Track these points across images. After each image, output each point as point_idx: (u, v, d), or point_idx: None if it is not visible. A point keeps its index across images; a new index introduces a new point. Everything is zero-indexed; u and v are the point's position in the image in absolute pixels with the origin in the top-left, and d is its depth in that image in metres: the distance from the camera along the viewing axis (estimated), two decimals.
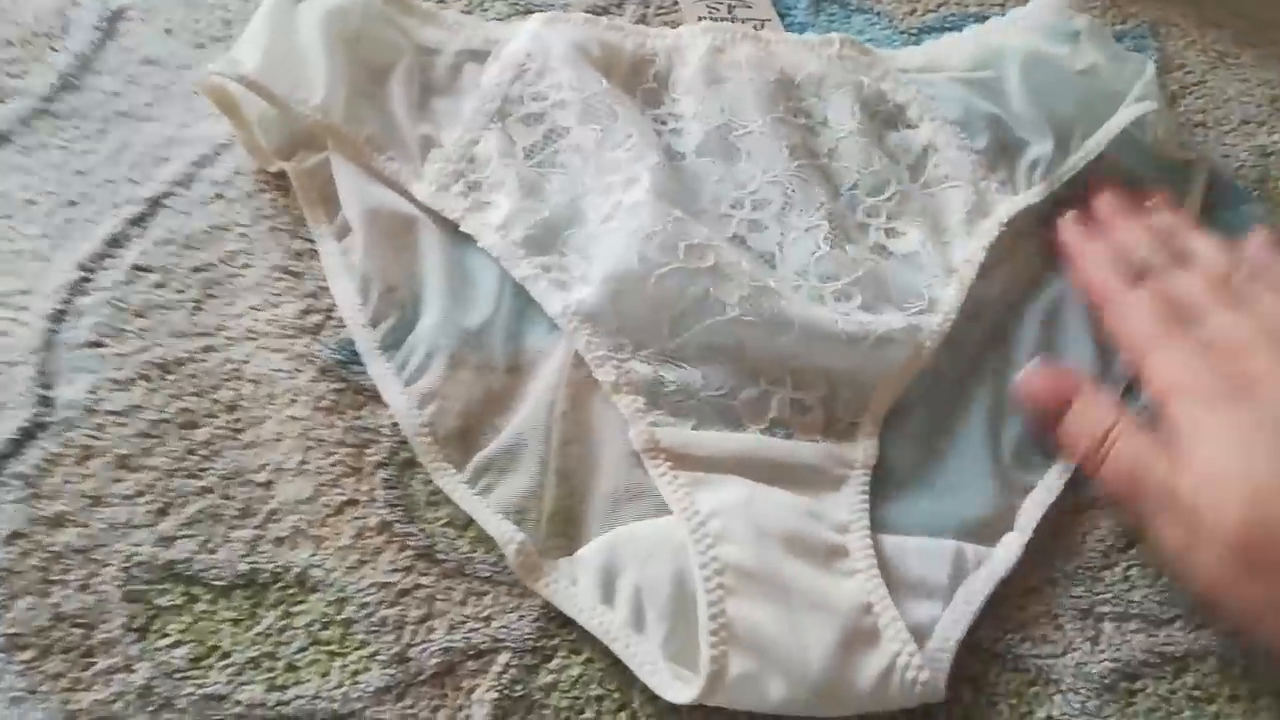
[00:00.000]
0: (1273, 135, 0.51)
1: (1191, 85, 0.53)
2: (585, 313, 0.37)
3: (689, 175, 0.41)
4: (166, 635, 0.32)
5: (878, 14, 0.53)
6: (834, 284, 0.39)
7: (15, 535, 0.33)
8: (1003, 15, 0.54)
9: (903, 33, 0.53)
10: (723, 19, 0.49)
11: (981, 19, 0.53)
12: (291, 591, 0.33)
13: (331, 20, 0.41)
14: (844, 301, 0.39)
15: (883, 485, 0.37)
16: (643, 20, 0.49)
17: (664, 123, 0.43)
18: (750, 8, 0.50)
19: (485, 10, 0.49)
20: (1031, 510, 0.37)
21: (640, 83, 0.44)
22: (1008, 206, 0.43)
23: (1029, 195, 0.43)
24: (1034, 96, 0.44)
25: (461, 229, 0.40)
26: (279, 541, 0.34)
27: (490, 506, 0.34)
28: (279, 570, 0.34)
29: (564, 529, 0.35)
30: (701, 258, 0.37)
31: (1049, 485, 0.38)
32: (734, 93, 0.43)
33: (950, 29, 0.53)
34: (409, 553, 0.35)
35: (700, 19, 0.48)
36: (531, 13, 0.46)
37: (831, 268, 0.39)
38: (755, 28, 0.48)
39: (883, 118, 0.45)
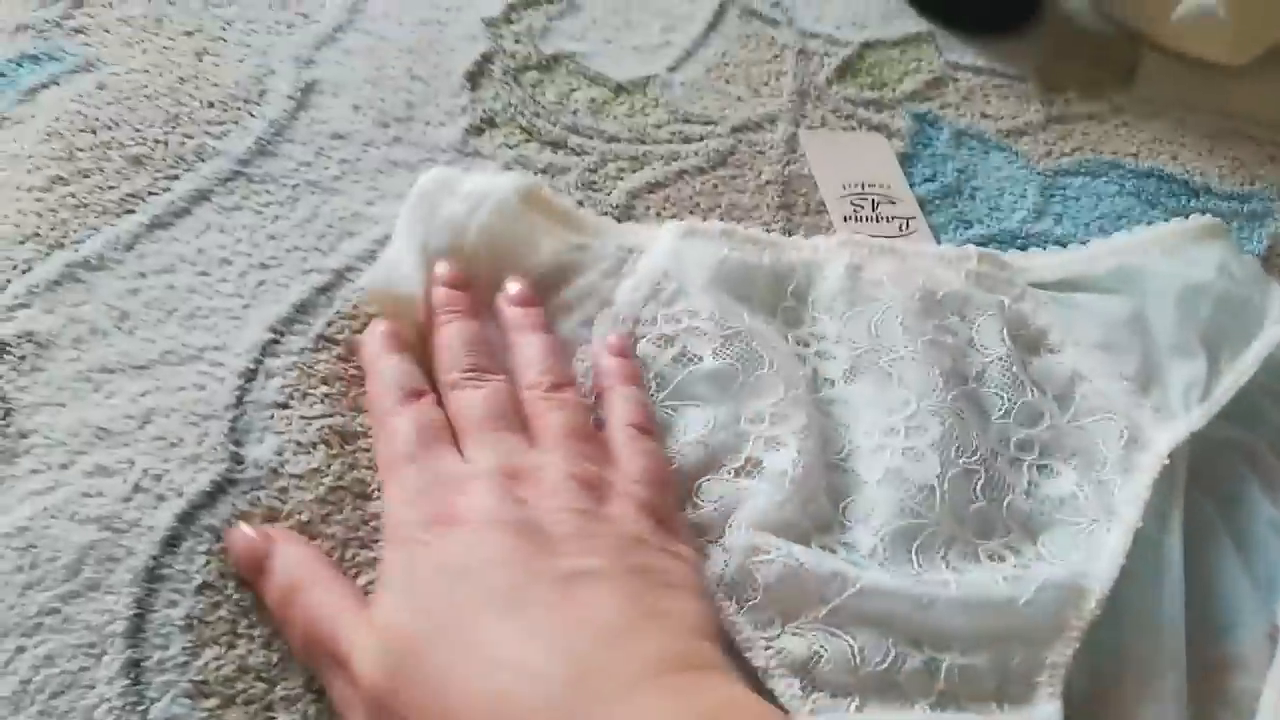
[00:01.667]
0: None
1: None
2: (726, 584, 0.35)
3: (839, 405, 0.40)
4: None
5: (1015, 153, 0.56)
6: (986, 544, 0.37)
7: (205, 586, 0.35)
8: (1135, 164, 0.56)
9: (1039, 173, 0.55)
10: (867, 217, 0.50)
11: (1116, 166, 0.56)
12: None
13: (470, 222, 0.41)
14: (998, 562, 0.37)
15: None
16: (787, 218, 0.49)
17: (807, 344, 0.42)
18: (894, 204, 0.51)
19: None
20: None
21: (780, 300, 0.43)
22: (1169, 437, 0.40)
23: (1190, 421, 0.41)
24: (1179, 317, 0.44)
25: None
26: None
27: None
28: None
29: None
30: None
31: None
32: (879, 315, 0.42)
33: (1085, 174, 0.55)
34: None
35: (845, 218, 0.50)
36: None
37: (985, 523, 0.38)
38: (901, 226, 0.49)
39: (1025, 343, 0.43)
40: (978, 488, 0.38)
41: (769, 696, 0.34)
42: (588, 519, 0.33)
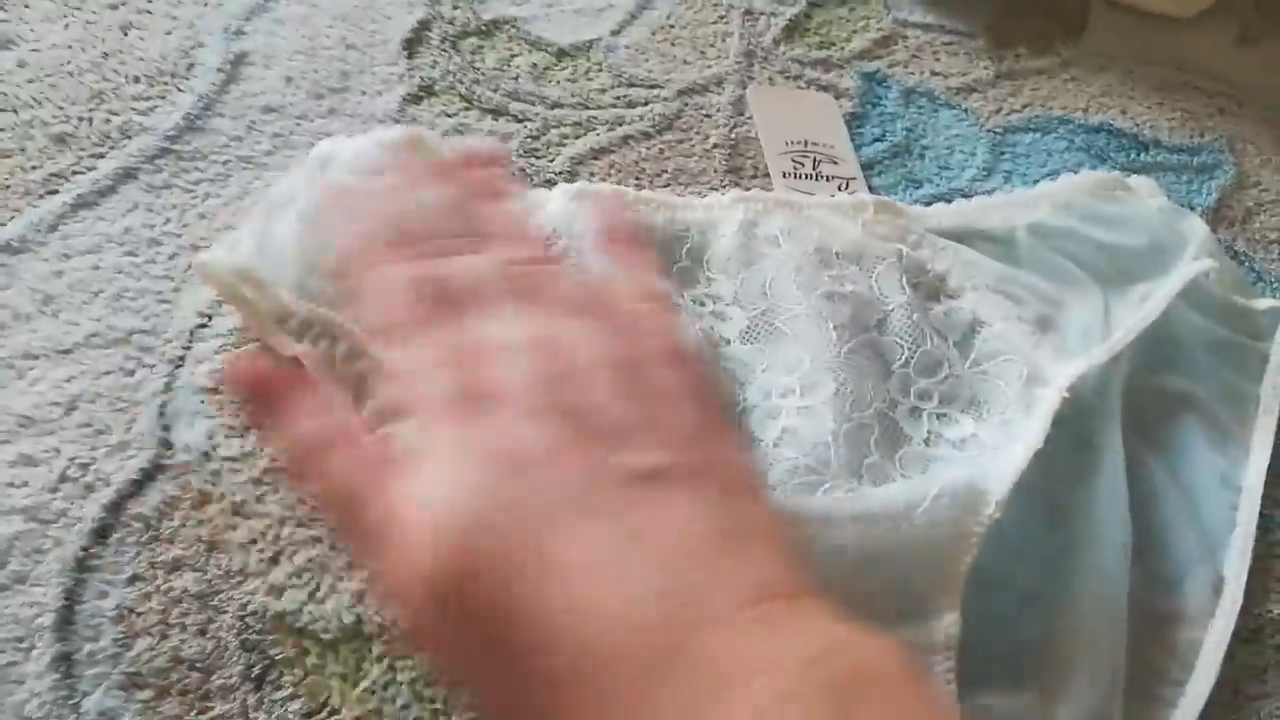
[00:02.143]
0: None
1: (1267, 203, 0.54)
2: None
3: (735, 364, 0.40)
4: (281, 687, 0.33)
5: (965, 110, 0.55)
6: (887, 472, 0.37)
7: (136, 577, 0.34)
8: (1084, 118, 0.56)
9: (988, 130, 0.54)
10: (807, 175, 0.49)
11: (1065, 121, 0.55)
12: (397, 645, 0.34)
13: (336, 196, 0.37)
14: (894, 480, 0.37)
15: (973, 674, 0.33)
16: (735, 181, 0.48)
17: (703, 304, 0.41)
18: (836, 164, 0.50)
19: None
20: None
21: (674, 260, 0.42)
22: (1069, 371, 0.40)
23: (1091, 357, 0.41)
24: (1079, 259, 0.44)
25: None
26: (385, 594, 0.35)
27: None
28: (384, 623, 0.35)
29: None
30: None
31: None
32: (773, 273, 0.41)
33: (1034, 130, 0.55)
34: None
35: (784, 174, 0.49)
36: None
37: (880, 476, 0.37)
38: (841, 186, 0.49)
39: (924, 289, 0.43)
40: (871, 442, 0.37)
41: None
42: (638, 405, 0.29)
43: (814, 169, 0.50)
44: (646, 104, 0.51)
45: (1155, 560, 0.39)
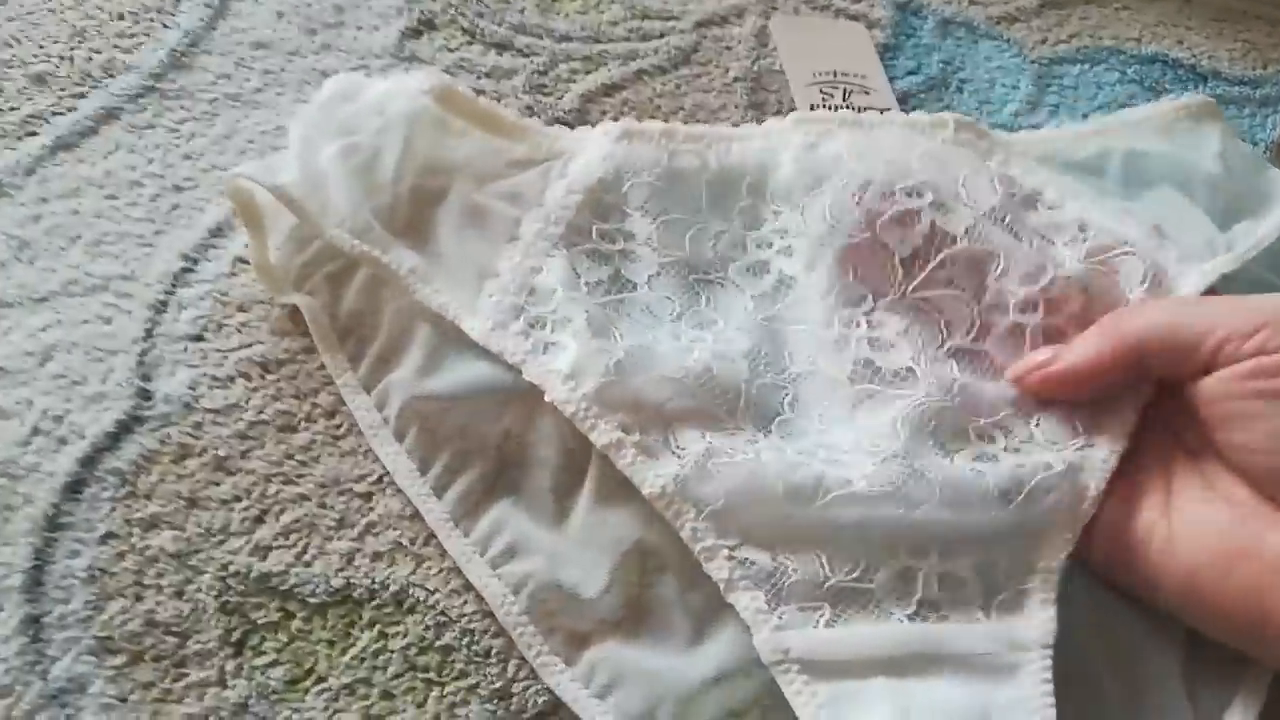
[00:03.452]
0: None
1: None
2: (686, 493, 0.31)
3: (800, 305, 0.36)
4: (263, 653, 0.31)
5: (1007, 41, 0.51)
6: (975, 421, 0.33)
7: (110, 535, 0.32)
8: (1138, 49, 0.52)
9: (1033, 62, 0.50)
10: (837, 106, 0.45)
11: (1117, 52, 0.52)
12: (388, 611, 0.32)
13: (378, 129, 0.37)
14: (987, 443, 0.33)
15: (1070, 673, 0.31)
16: (757, 118, 0.44)
17: (770, 244, 0.38)
18: (868, 94, 0.46)
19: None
20: None
21: (736, 200, 0.38)
22: (1198, 277, 0.36)
23: (1220, 264, 0.36)
24: (1179, 193, 0.39)
25: (525, 377, 0.34)
26: (377, 556, 0.33)
27: (611, 713, 0.31)
28: (375, 587, 0.32)
29: None
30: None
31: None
32: (833, 196, 0.37)
33: (1083, 61, 0.51)
34: None
35: (812, 107, 0.45)
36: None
37: (973, 398, 0.34)
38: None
39: (1020, 201, 0.38)
40: (955, 370, 0.34)
41: (729, 610, 0.31)
42: None
43: (844, 100, 0.46)
44: (662, 36, 0.48)
45: None
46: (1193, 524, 0.31)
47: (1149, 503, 0.32)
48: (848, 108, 0.46)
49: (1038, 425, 0.34)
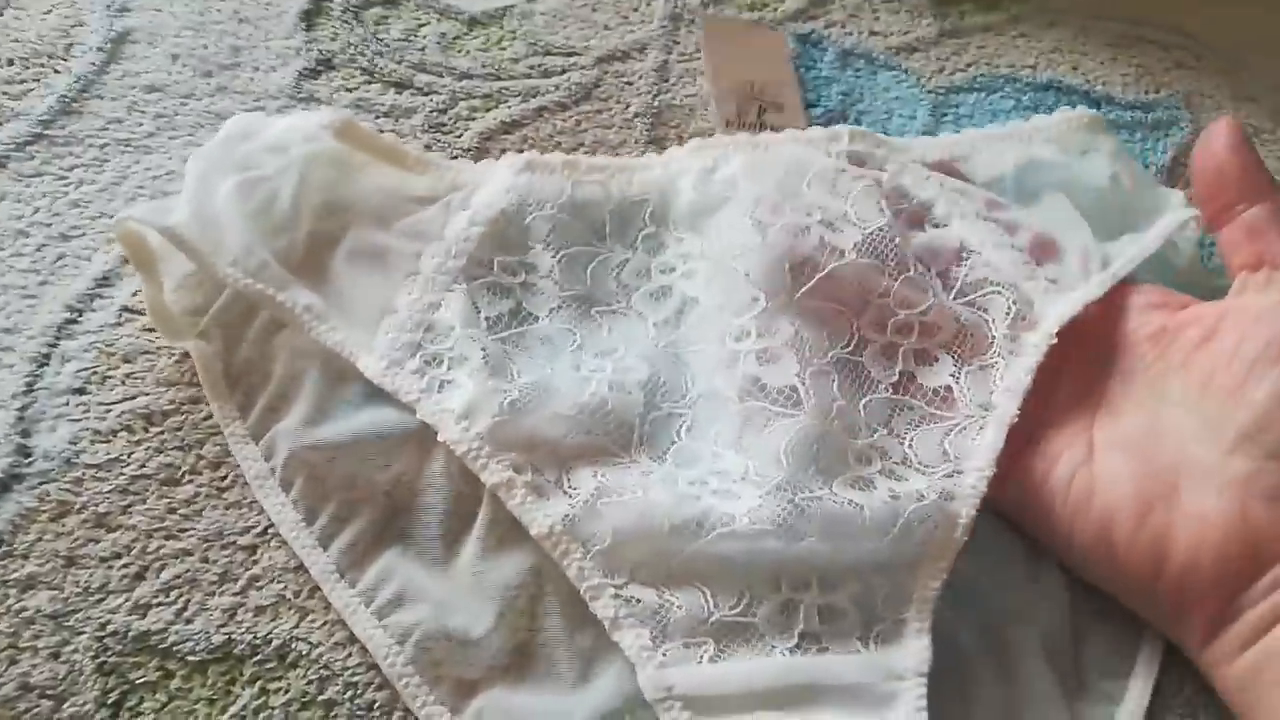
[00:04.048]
0: None
1: None
2: (574, 533, 0.32)
3: (702, 319, 0.37)
4: (141, 714, 0.30)
5: (905, 71, 0.52)
6: (853, 443, 0.34)
7: None
8: (1033, 76, 0.53)
9: (930, 91, 0.51)
10: (751, 123, 0.46)
11: (1012, 80, 0.53)
12: (270, 666, 0.32)
13: (275, 167, 0.37)
14: (864, 465, 0.34)
15: (942, 696, 0.31)
16: (658, 154, 0.42)
17: (673, 269, 0.38)
18: (782, 111, 0.47)
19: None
20: None
21: (639, 229, 0.39)
22: (1060, 310, 0.37)
23: (1087, 291, 0.37)
24: (1069, 200, 0.40)
25: (419, 417, 0.34)
26: (260, 610, 0.33)
27: None
28: (258, 643, 0.32)
29: None
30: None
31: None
32: (728, 214, 0.38)
33: (979, 89, 0.52)
34: None
35: (728, 122, 0.46)
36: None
37: (850, 420, 0.35)
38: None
39: (907, 217, 0.39)
40: (836, 386, 0.35)
41: (617, 649, 0.31)
42: None
43: (758, 118, 0.47)
44: (563, 72, 0.48)
45: None
46: (1111, 475, 0.33)
47: (1069, 455, 0.34)
48: (760, 125, 0.46)
49: (911, 446, 0.35)
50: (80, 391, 0.36)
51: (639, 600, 0.31)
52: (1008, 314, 0.36)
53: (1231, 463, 0.32)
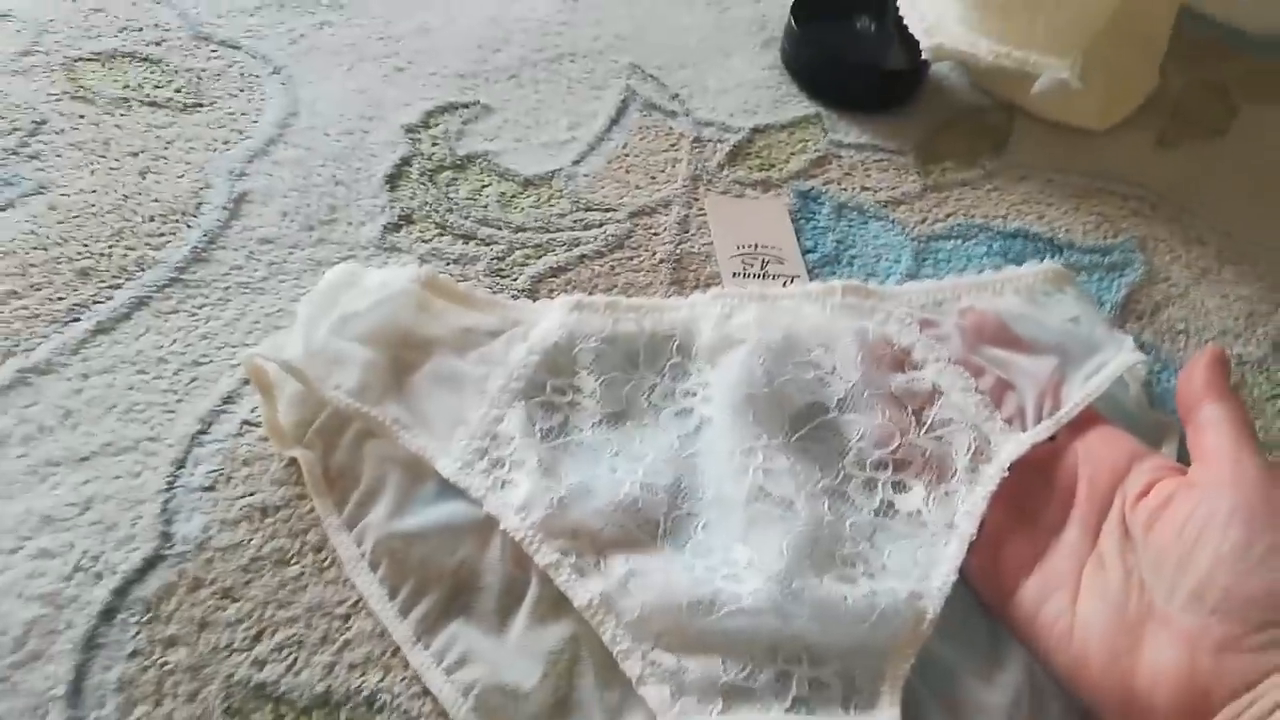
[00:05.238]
0: (1248, 345, 0.57)
1: (1175, 297, 0.59)
2: (610, 606, 0.39)
3: (719, 437, 0.44)
4: None
5: (892, 221, 0.61)
6: (841, 549, 0.42)
7: (136, 652, 0.39)
8: (1003, 225, 0.61)
9: (913, 239, 0.60)
10: (755, 275, 0.55)
11: (985, 228, 0.61)
12: (361, 711, 0.39)
13: (373, 310, 0.46)
14: (849, 567, 0.41)
15: None
16: (678, 292, 0.54)
17: (695, 393, 0.46)
18: (782, 263, 0.56)
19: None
20: None
21: (667, 359, 0.47)
22: (1012, 448, 0.44)
23: (1035, 432, 0.45)
24: (1031, 344, 0.48)
25: (485, 509, 0.42)
26: (353, 667, 0.40)
27: None
28: (351, 692, 0.39)
29: None
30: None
31: None
32: (742, 355, 0.46)
33: (956, 237, 0.60)
34: None
35: (734, 274, 0.55)
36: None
37: (838, 532, 0.42)
38: (784, 283, 0.55)
39: (890, 361, 0.47)
40: (826, 506, 0.43)
41: (637, 705, 0.38)
42: None
43: (761, 269, 0.56)
44: (601, 225, 0.58)
45: None
46: (1088, 621, 0.39)
47: (1059, 596, 0.40)
48: (764, 276, 0.55)
49: (888, 556, 0.42)
50: (210, 489, 0.44)
51: (661, 663, 0.38)
52: (969, 449, 0.44)
53: (1183, 619, 0.36)
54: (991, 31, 0.66)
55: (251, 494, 0.44)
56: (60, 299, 0.50)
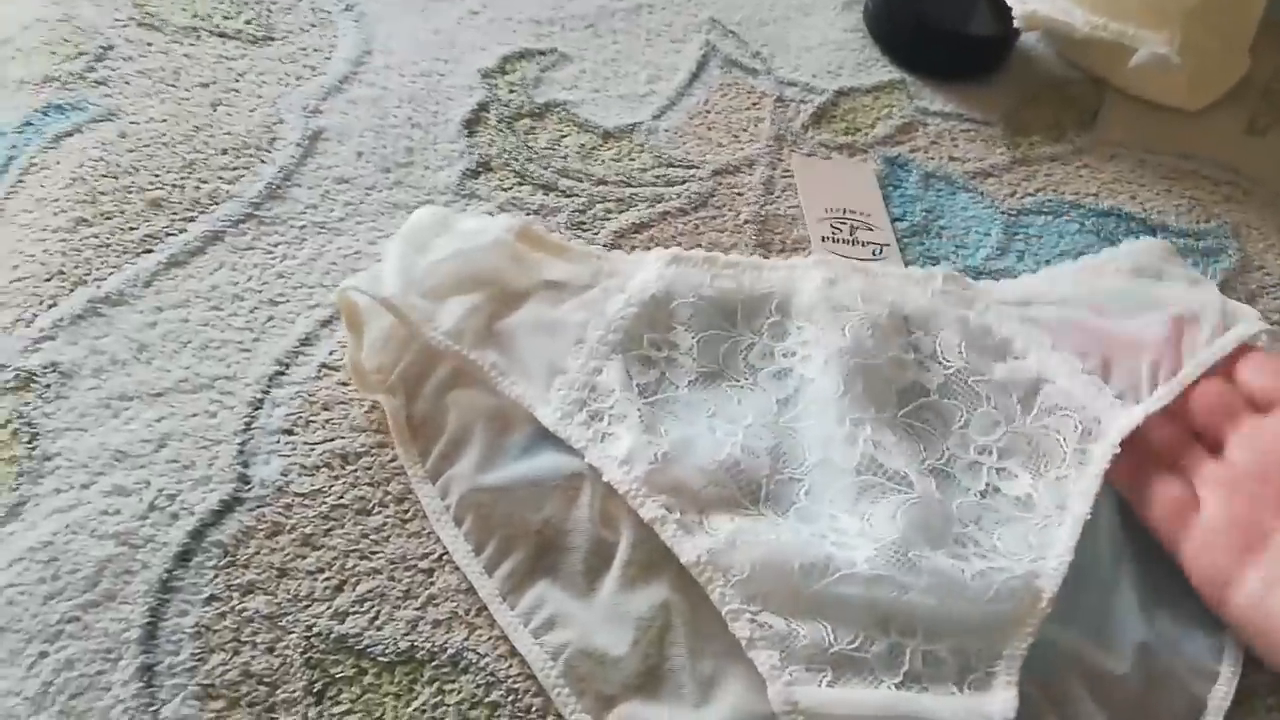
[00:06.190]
0: None
1: (1270, 286, 0.57)
2: (718, 564, 0.38)
3: (819, 397, 0.43)
4: (340, 703, 0.36)
5: (981, 193, 0.59)
6: (952, 529, 0.40)
7: (213, 598, 0.38)
8: (1095, 203, 0.60)
9: (1003, 212, 0.58)
10: (844, 240, 0.54)
11: (1077, 206, 0.59)
12: (445, 671, 0.38)
13: (467, 255, 0.44)
14: (960, 547, 0.40)
15: None
16: (764, 255, 0.52)
17: (794, 353, 0.45)
18: (871, 230, 0.55)
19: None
20: None
21: (765, 318, 0.46)
22: (1124, 422, 0.43)
23: (1148, 404, 0.44)
24: (1139, 320, 0.46)
25: (587, 461, 0.40)
26: (437, 624, 0.39)
27: None
28: (435, 650, 0.38)
29: None
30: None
31: None
32: (853, 322, 0.45)
33: (1047, 213, 0.58)
34: None
35: (823, 239, 0.53)
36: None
37: (947, 512, 0.41)
38: (875, 251, 0.53)
39: (991, 351, 0.46)
40: (935, 486, 0.41)
41: (730, 677, 0.37)
42: None
43: (850, 234, 0.54)
44: (684, 182, 0.56)
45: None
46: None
47: (1253, 570, 0.39)
48: (853, 242, 0.54)
49: (999, 539, 0.41)
50: (289, 432, 0.43)
51: (771, 626, 0.37)
52: (1076, 430, 0.43)
53: None
54: (1085, 1, 0.64)
55: (331, 440, 0.43)
56: (132, 229, 0.48)
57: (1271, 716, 0.40)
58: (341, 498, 0.41)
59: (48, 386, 0.42)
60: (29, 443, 0.40)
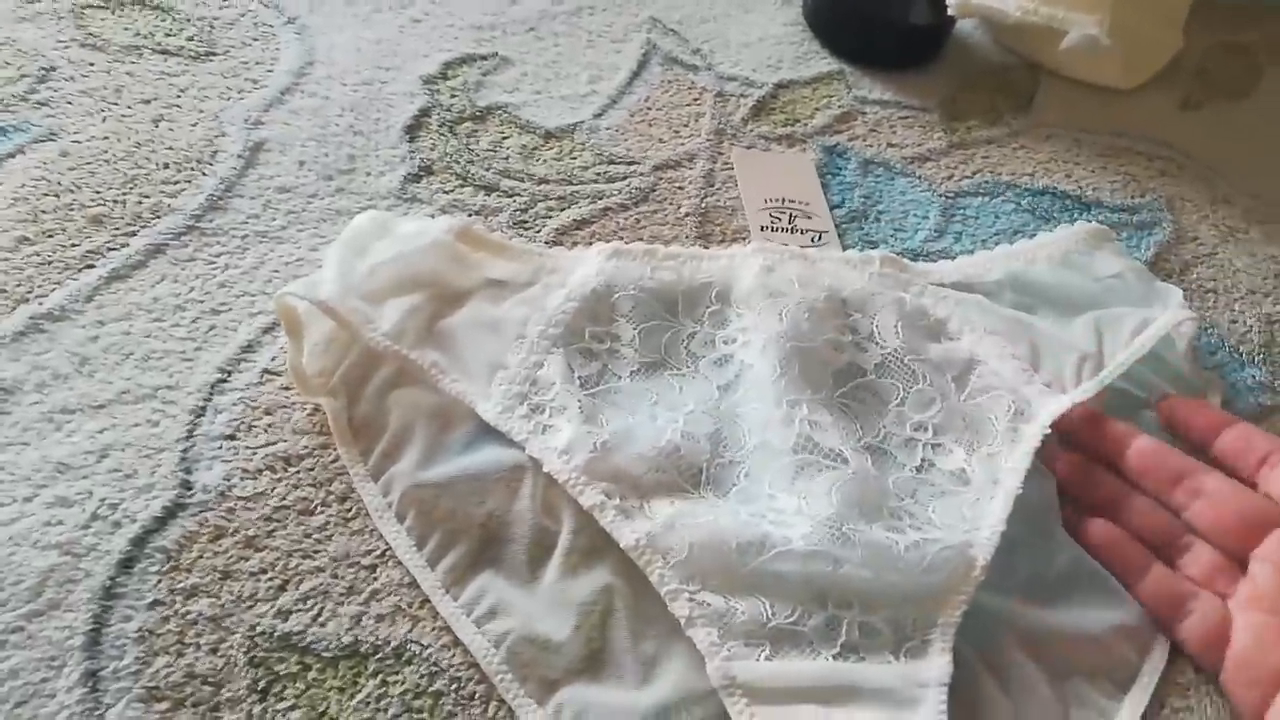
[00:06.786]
0: (1277, 305, 0.56)
1: (1203, 256, 0.58)
2: (656, 546, 0.39)
3: (758, 380, 0.44)
4: (284, 699, 0.37)
5: (918, 178, 0.60)
6: (887, 502, 0.41)
7: (156, 602, 0.38)
8: (1030, 183, 0.61)
9: (940, 195, 0.59)
10: (783, 228, 0.55)
11: (1012, 186, 0.60)
12: (389, 663, 0.38)
13: (406, 258, 0.45)
14: (896, 519, 0.40)
15: (963, 704, 0.37)
16: (704, 246, 0.52)
17: (734, 340, 0.46)
18: (810, 219, 0.55)
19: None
20: None
21: (706, 307, 0.47)
22: (1053, 408, 0.44)
23: (1076, 394, 0.45)
24: (1068, 312, 0.48)
25: (528, 453, 0.41)
26: (380, 618, 0.39)
27: None
28: (379, 643, 0.38)
29: None
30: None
31: None
32: (789, 307, 0.45)
33: (983, 194, 0.59)
34: None
35: (762, 228, 0.54)
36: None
37: (882, 487, 0.41)
38: (814, 239, 0.54)
39: (925, 331, 0.47)
40: (870, 463, 0.42)
41: (671, 656, 0.38)
42: None
43: (789, 223, 0.55)
44: (625, 179, 0.57)
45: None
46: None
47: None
48: (792, 230, 0.54)
49: (934, 512, 0.41)
50: (231, 438, 0.43)
51: (709, 604, 0.38)
52: (1009, 410, 0.44)
53: None
54: None
55: (273, 443, 0.43)
56: (74, 245, 0.49)
57: (1201, 674, 0.41)
58: (284, 499, 0.42)
59: None
60: None
